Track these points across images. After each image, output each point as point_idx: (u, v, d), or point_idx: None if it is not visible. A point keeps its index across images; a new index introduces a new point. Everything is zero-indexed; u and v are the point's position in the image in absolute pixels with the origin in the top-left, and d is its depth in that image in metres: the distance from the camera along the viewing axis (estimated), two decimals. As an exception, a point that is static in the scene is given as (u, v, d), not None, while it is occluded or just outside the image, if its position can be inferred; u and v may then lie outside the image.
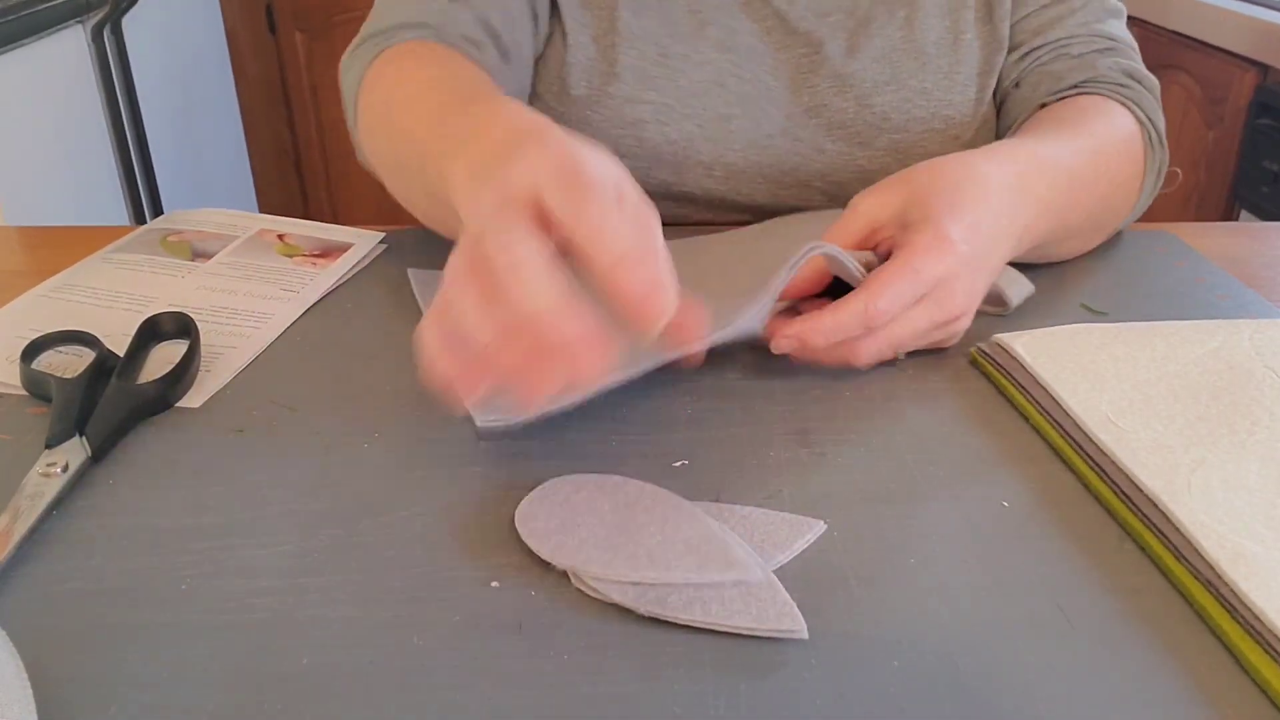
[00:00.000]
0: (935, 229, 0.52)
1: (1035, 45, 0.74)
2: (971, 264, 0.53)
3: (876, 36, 0.74)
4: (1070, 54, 0.72)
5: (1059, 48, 0.73)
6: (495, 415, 0.46)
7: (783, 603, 0.38)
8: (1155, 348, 0.54)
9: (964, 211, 0.53)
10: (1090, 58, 0.72)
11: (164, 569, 0.41)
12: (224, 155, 2.30)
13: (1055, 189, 0.59)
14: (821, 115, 0.75)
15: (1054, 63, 0.73)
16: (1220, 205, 1.54)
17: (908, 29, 0.74)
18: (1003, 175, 0.56)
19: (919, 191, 0.54)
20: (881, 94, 0.74)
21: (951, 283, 0.52)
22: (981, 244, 0.53)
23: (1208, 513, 0.41)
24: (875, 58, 0.74)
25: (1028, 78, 0.74)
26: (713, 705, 0.35)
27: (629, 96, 0.73)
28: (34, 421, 0.50)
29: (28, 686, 0.34)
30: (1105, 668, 0.36)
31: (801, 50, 0.74)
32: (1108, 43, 0.73)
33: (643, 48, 0.73)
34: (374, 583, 0.40)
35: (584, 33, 0.73)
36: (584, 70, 0.73)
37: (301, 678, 0.36)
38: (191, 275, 0.65)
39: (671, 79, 0.73)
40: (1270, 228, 0.78)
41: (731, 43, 0.74)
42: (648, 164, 0.75)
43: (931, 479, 0.46)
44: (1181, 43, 1.61)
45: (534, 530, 0.41)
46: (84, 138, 1.72)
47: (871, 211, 0.55)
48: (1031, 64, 0.74)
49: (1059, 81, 0.71)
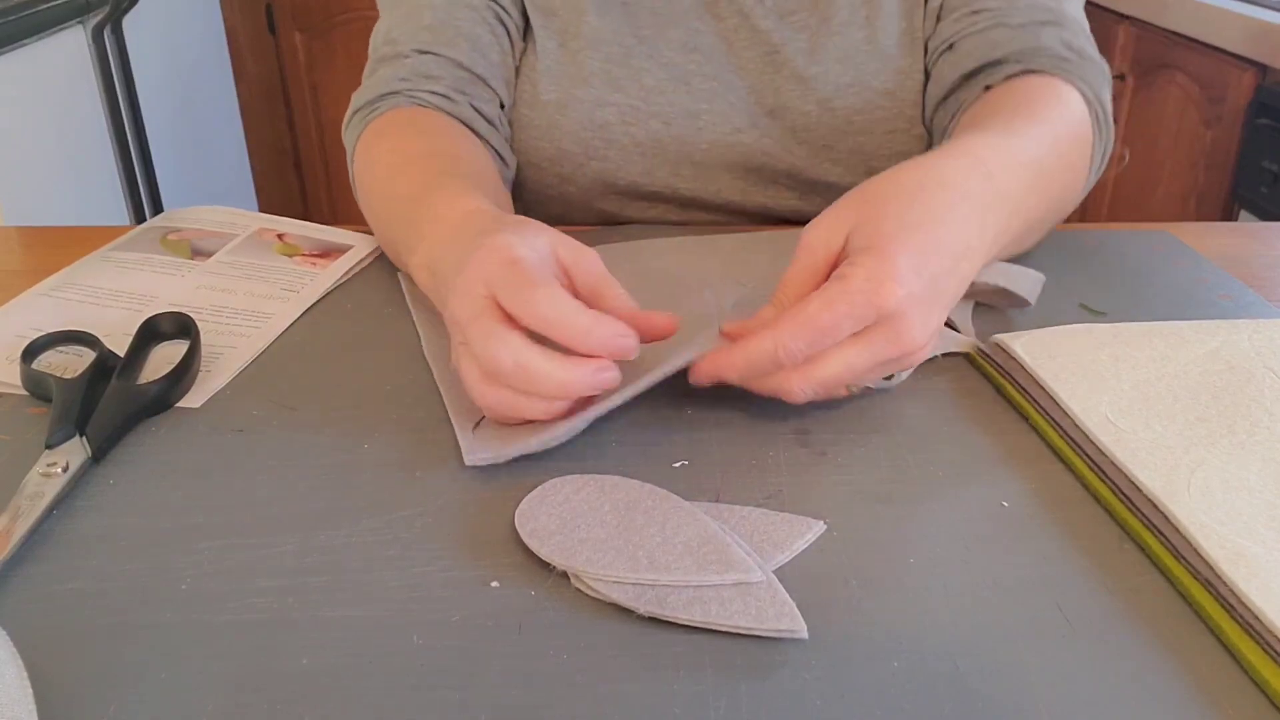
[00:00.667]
0: (879, 260, 0.46)
1: (974, 8, 0.70)
2: (924, 298, 0.47)
3: (838, 35, 0.73)
4: (1008, 23, 0.69)
5: (997, 16, 0.69)
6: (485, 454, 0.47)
7: (782, 603, 0.38)
8: (1155, 348, 0.54)
9: (917, 233, 0.47)
10: (1032, 29, 0.68)
11: (164, 569, 0.41)
12: (224, 155, 2.30)
13: (1024, 186, 0.55)
14: (784, 118, 0.75)
15: (991, 30, 0.69)
16: (1220, 205, 1.54)
17: (869, 29, 0.73)
18: (971, 177, 0.51)
19: (869, 211, 0.48)
20: (844, 97, 0.73)
21: (899, 320, 0.46)
22: (939, 268, 0.47)
23: (1207, 513, 0.41)
24: (837, 59, 0.73)
25: (962, 42, 0.70)
26: (713, 705, 0.35)
27: (596, 100, 0.74)
28: (34, 421, 0.50)
29: (28, 686, 0.34)
30: (1105, 668, 0.36)
31: (763, 49, 0.74)
32: (1048, 14, 0.69)
33: (607, 50, 0.74)
34: (374, 583, 0.40)
35: (551, 39, 0.74)
36: (553, 76, 0.74)
37: (301, 678, 0.36)
38: (191, 274, 0.65)
39: (636, 79, 0.74)
40: (1270, 228, 0.78)
41: (695, 42, 0.75)
42: (617, 164, 0.75)
43: (931, 479, 0.46)
44: (1180, 42, 1.61)
45: (534, 531, 0.41)
46: (84, 138, 1.72)
47: (822, 241, 0.49)
48: (968, 28, 0.70)
49: (995, 49, 0.68)
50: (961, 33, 0.71)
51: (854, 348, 0.47)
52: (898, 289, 0.45)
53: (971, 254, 0.50)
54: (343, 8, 2.28)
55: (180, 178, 2.01)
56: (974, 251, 0.50)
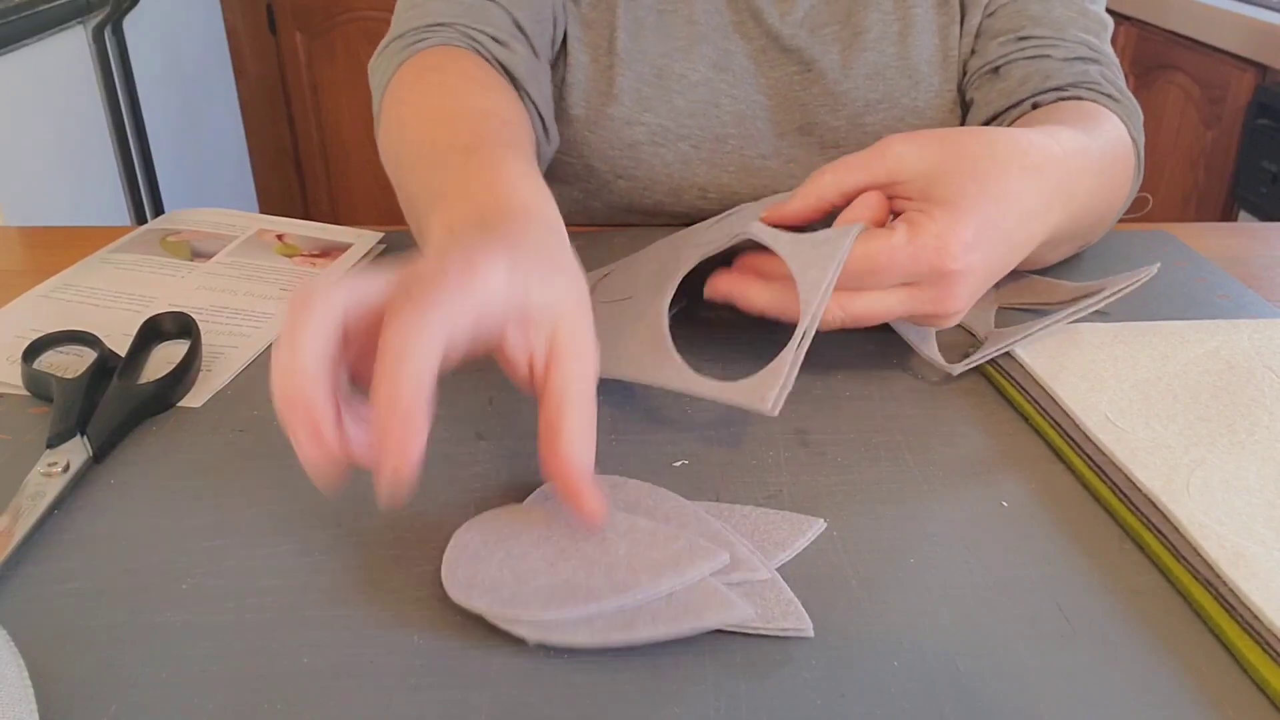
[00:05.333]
0: (952, 220, 0.47)
1: (1022, 34, 0.70)
2: (978, 271, 0.49)
3: (870, 50, 0.72)
4: (1055, 56, 0.69)
5: (1044, 46, 0.69)
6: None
7: (787, 601, 0.38)
8: (1155, 348, 0.54)
9: (994, 205, 0.48)
10: (1079, 65, 0.69)
11: (164, 569, 0.41)
12: (224, 155, 2.30)
13: (1088, 176, 0.56)
14: (813, 134, 0.74)
15: (1040, 60, 0.69)
16: (1220, 205, 1.54)
17: (901, 45, 0.73)
18: (1048, 151, 0.52)
19: (958, 163, 0.49)
20: (874, 113, 0.73)
21: (951, 284, 0.48)
22: (1001, 247, 0.49)
23: (1207, 513, 0.41)
24: (868, 75, 0.73)
25: (1011, 68, 0.70)
26: (713, 705, 0.35)
27: (626, 119, 0.73)
28: (35, 421, 0.50)
29: (29, 686, 0.34)
30: (1105, 668, 0.36)
31: (794, 68, 0.74)
32: (1092, 52, 0.69)
33: (639, 69, 0.73)
34: (374, 583, 0.40)
35: (584, 53, 0.73)
36: (582, 90, 0.73)
37: (301, 678, 0.36)
38: (191, 275, 0.66)
39: (667, 99, 0.73)
40: (1270, 228, 0.78)
41: (725, 63, 0.74)
42: (644, 185, 0.75)
43: (931, 479, 0.46)
44: (1180, 43, 1.61)
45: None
46: (85, 138, 1.72)
47: (905, 162, 0.49)
48: (1015, 53, 0.70)
49: (1048, 80, 0.68)
50: (1008, 58, 0.70)
51: (896, 295, 0.48)
52: (962, 255, 0.47)
53: (1030, 238, 0.52)
54: (343, 7, 2.28)
55: (180, 178, 2.01)
56: (1033, 236, 0.52)
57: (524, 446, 0.48)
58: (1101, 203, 0.62)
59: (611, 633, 0.36)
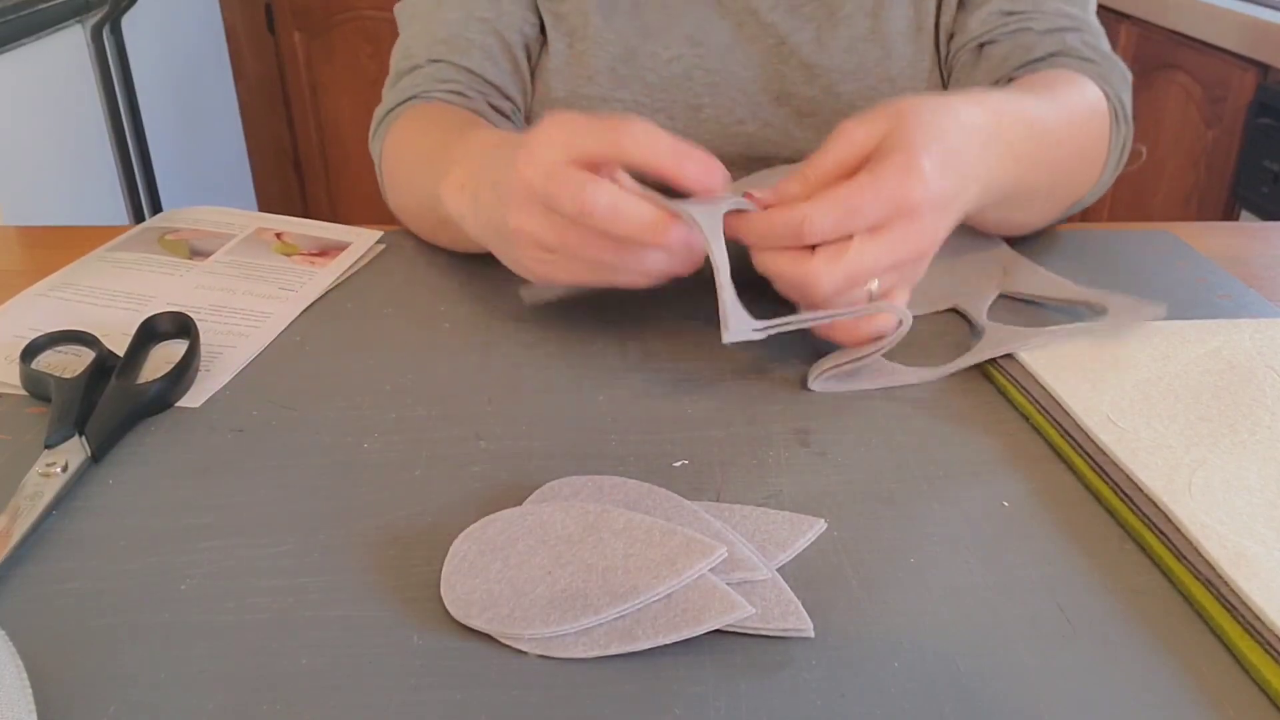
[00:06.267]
0: (908, 159, 0.49)
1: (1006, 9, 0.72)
2: (940, 201, 0.50)
3: (843, 26, 0.75)
4: (1034, 28, 0.71)
5: (1025, 20, 0.72)
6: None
7: (788, 601, 0.38)
8: (1156, 347, 0.54)
9: (940, 145, 0.50)
10: (1056, 35, 0.71)
11: (164, 569, 0.41)
12: (223, 155, 2.30)
13: (1023, 139, 0.57)
14: (789, 103, 0.77)
15: (1020, 34, 0.72)
16: (1220, 205, 1.54)
17: (874, 19, 0.75)
18: (975, 114, 0.54)
19: (903, 122, 0.51)
20: (848, 83, 0.75)
21: (918, 218, 0.49)
22: (953, 181, 0.50)
23: (1209, 513, 0.41)
24: (843, 48, 0.75)
25: (993, 48, 0.73)
26: (713, 705, 0.35)
27: (603, 96, 0.76)
28: (33, 421, 0.50)
29: (28, 686, 0.34)
30: (1105, 668, 0.36)
31: (771, 41, 0.76)
32: (1071, 21, 0.72)
33: (613, 49, 0.76)
34: (374, 583, 0.40)
35: (561, 40, 0.77)
36: (561, 75, 0.77)
37: (301, 678, 0.36)
38: (190, 274, 0.65)
39: (640, 76, 0.76)
40: (1270, 227, 0.78)
41: (701, 37, 0.76)
42: None
43: (931, 479, 0.46)
44: (1181, 42, 1.61)
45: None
46: (83, 138, 1.72)
47: (860, 135, 0.52)
48: (998, 28, 0.72)
49: (1029, 53, 0.71)
50: (992, 34, 0.73)
51: (873, 240, 0.49)
52: (923, 185, 0.48)
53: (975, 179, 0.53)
54: (342, 7, 2.28)
55: (180, 177, 2.01)
56: (976, 178, 0.53)
57: (524, 446, 0.48)
58: (1059, 161, 0.63)
59: (611, 643, 0.36)
